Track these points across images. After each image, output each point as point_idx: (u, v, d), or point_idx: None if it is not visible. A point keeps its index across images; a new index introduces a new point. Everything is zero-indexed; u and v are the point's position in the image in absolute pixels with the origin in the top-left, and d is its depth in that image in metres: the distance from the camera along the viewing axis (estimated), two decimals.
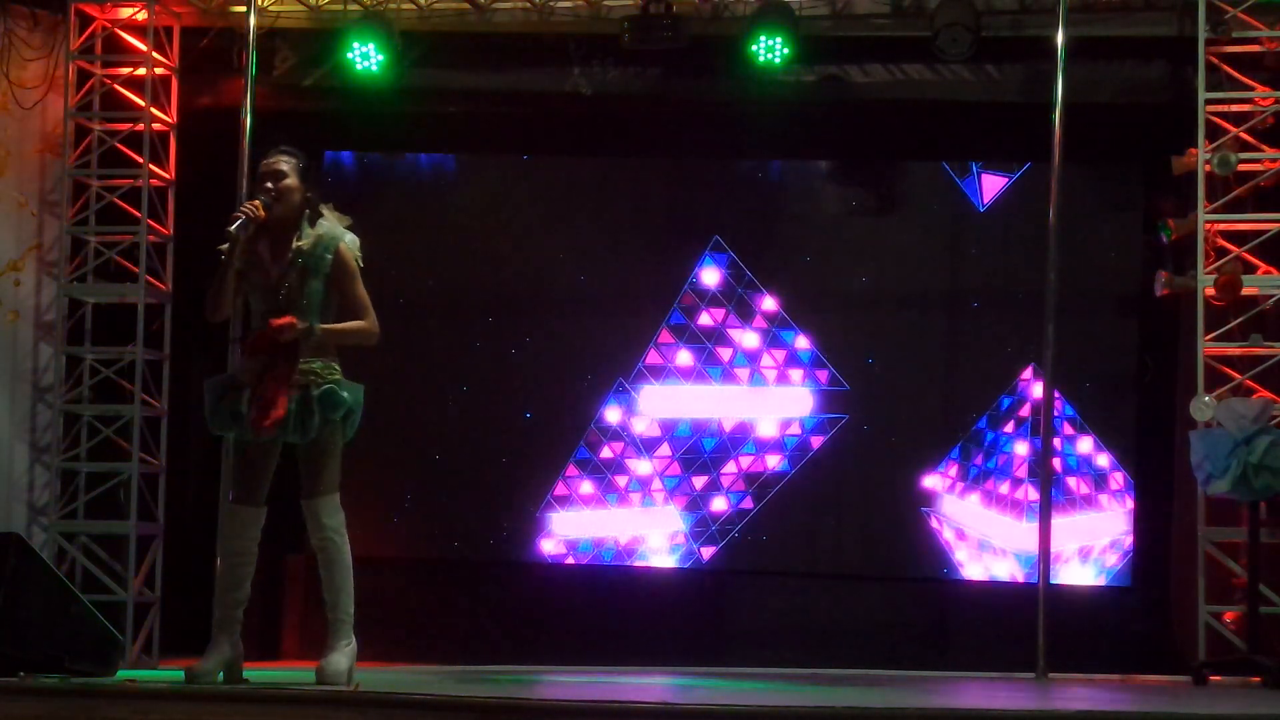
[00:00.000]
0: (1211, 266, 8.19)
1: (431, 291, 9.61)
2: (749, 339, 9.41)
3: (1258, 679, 7.57)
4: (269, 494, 6.42)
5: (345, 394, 6.21)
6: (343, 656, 6.22)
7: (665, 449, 9.42)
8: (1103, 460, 9.08)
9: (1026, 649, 8.07)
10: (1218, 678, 7.80)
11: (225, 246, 6.25)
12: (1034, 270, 8.44)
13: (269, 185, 6.24)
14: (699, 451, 9.40)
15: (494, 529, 9.49)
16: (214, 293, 6.25)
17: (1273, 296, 8.23)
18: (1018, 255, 9.06)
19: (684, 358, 9.44)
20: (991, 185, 9.28)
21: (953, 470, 9.18)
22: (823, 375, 9.34)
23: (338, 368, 6.25)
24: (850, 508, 9.31)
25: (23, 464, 8.90)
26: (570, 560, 9.45)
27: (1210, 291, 8.13)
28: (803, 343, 9.36)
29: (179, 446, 9.17)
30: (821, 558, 9.30)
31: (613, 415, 9.46)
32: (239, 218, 6.15)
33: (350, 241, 6.30)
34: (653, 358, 9.46)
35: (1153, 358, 9.04)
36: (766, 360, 9.40)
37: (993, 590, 9.10)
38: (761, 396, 9.39)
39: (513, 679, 7.07)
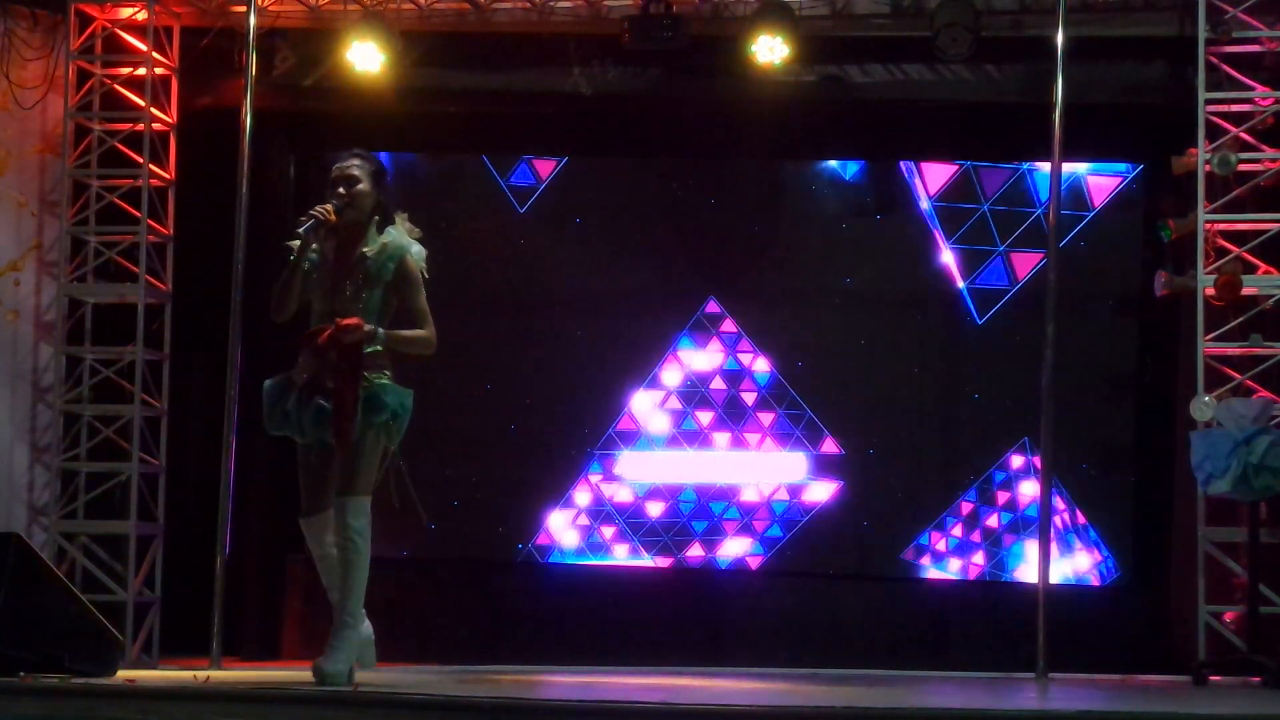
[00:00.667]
0: (1211, 266, 8.18)
1: (432, 293, 9.58)
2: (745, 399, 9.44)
3: (1258, 679, 7.57)
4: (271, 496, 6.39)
5: (389, 399, 6.27)
6: (340, 657, 6.22)
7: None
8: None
9: (1026, 649, 8.07)
10: (1218, 678, 7.80)
11: (295, 244, 6.34)
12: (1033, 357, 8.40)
13: (341, 190, 6.32)
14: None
15: (495, 529, 9.49)
16: (279, 291, 6.35)
17: (1273, 296, 8.22)
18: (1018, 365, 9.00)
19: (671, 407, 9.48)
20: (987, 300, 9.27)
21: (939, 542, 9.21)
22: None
23: (388, 373, 6.33)
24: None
25: (23, 464, 8.90)
26: (571, 561, 9.46)
27: (1210, 291, 8.13)
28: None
29: (179, 446, 9.17)
30: (821, 557, 9.30)
31: (620, 419, 9.48)
32: (310, 219, 6.23)
33: (416, 253, 6.40)
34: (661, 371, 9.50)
35: (1153, 358, 9.04)
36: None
37: (993, 590, 9.10)
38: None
39: (513, 679, 7.06)
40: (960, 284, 9.27)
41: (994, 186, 9.32)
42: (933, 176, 9.39)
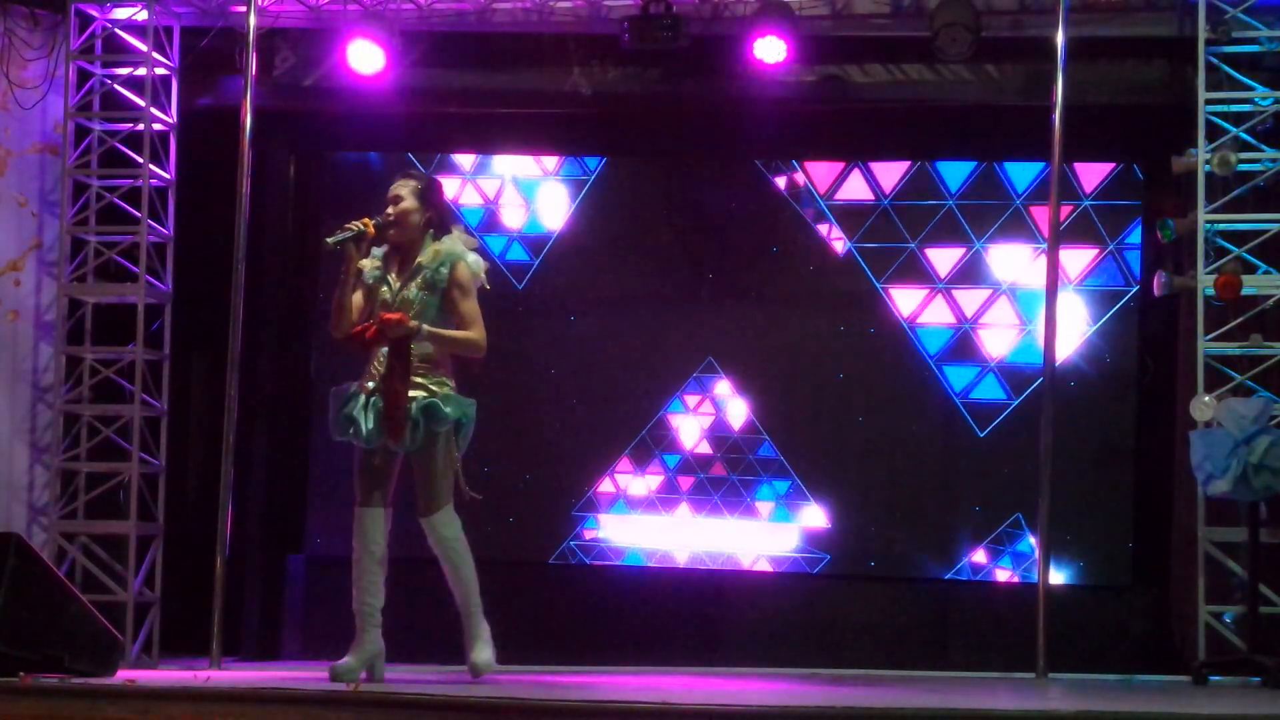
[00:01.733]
0: (1211, 266, 8.19)
1: None
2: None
3: (1258, 679, 7.57)
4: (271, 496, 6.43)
5: (449, 408, 6.51)
6: (486, 647, 6.67)
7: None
8: None
9: (1026, 649, 8.07)
10: (1218, 677, 7.80)
11: (337, 240, 6.61)
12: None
13: (389, 210, 6.62)
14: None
15: (495, 530, 9.48)
16: (335, 309, 6.66)
17: (1273, 296, 8.23)
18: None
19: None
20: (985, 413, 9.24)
21: None
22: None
23: (450, 382, 6.57)
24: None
25: (23, 464, 8.90)
26: (572, 561, 9.45)
27: (1210, 292, 8.13)
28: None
29: (179, 446, 9.18)
30: (822, 557, 9.30)
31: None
32: (345, 231, 6.50)
33: (473, 261, 6.66)
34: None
35: (1153, 358, 9.04)
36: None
37: (993, 590, 9.10)
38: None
39: (512, 679, 7.06)
40: (956, 399, 9.25)
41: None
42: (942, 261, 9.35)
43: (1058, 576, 8.78)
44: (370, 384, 6.53)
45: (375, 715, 5.66)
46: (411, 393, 6.51)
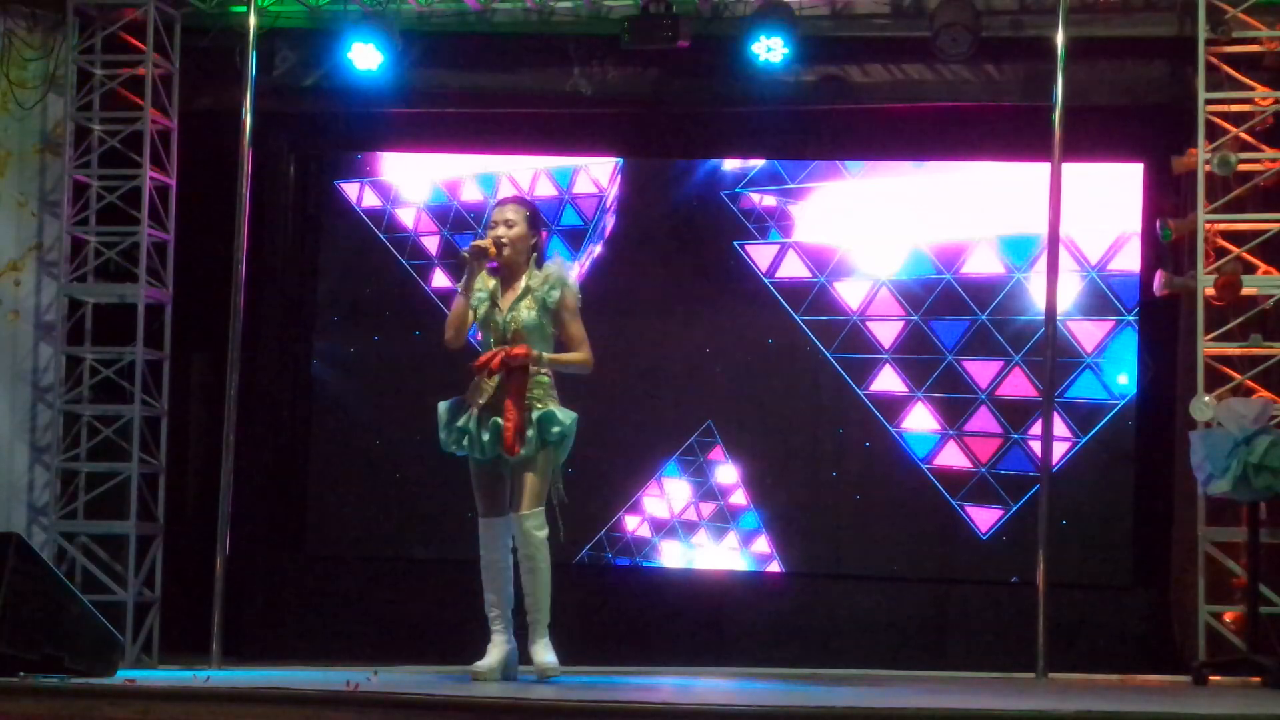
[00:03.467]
0: (1211, 266, 8.19)
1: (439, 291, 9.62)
2: None
3: (1258, 679, 7.57)
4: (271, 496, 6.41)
5: (560, 415, 6.84)
6: (549, 650, 6.83)
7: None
8: None
9: (1026, 649, 8.07)
10: (1218, 678, 7.80)
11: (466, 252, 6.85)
12: None
13: (501, 232, 6.89)
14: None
15: None
16: (452, 321, 6.93)
17: (1273, 296, 8.23)
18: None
19: None
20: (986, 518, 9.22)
21: None
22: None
23: (554, 394, 6.92)
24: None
25: (23, 464, 8.91)
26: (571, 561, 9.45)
27: (1210, 291, 8.13)
28: None
29: (179, 446, 9.18)
30: (822, 557, 9.30)
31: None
32: (475, 249, 6.82)
33: (572, 282, 6.96)
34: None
35: (1153, 358, 9.04)
36: None
37: (993, 590, 9.09)
38: None
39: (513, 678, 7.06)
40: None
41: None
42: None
43: (1058, 577, 8.78)
44: (482, 400, 6.82)
45: (376, 715, 5.66)
46: (526, 403, 6.82)
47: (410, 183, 9.71)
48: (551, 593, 6.87)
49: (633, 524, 9.42)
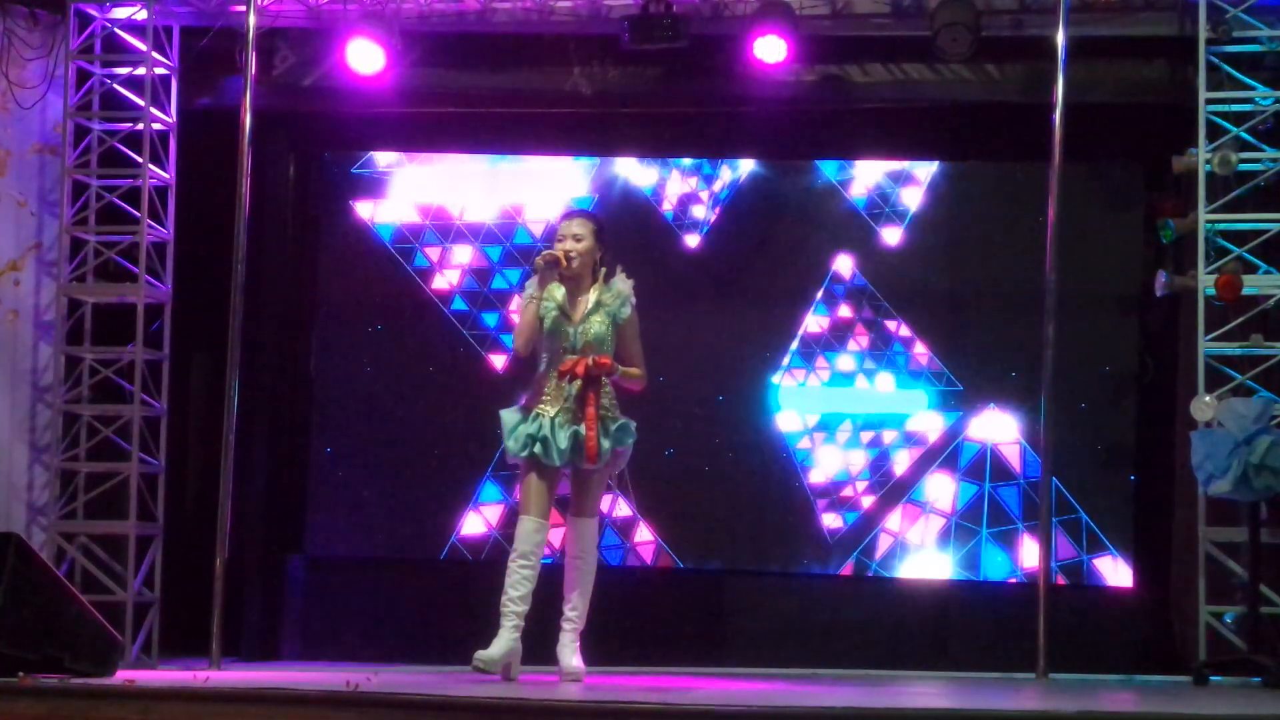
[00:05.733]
0: (1211, 266, 8.19)
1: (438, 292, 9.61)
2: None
3: (1258, 679, 7.57)
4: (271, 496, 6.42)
5: (631, 426, 7.22)
6: (578, 654, 7.14)
7: None
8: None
9: (1026, 649, 8.07)
10: (1218, 677, 7.80)
11: (534, 277, 7.17)
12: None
13: (568, 247, 7.16)
14: None
15: (496, 530, 9.49)
16: (522, 329, 7.17)
17: (1273, 296, 8.23)
18: None
19: None
20: None
21: None
22: None
23: (617, 405, 7.20)
24: None
25: (22, 464, 8.90)
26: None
27: (1210, 291, 8.13)
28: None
29: (179, 446, 9.18)
30: (821, 558, 9.30)
31: None
32: (549, 259, 7.07)
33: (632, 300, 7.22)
34: None
35: (1153, 358, 9.04)
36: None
37: (993, 590, 9.09)
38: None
39: (514, 679, 7.06)
40: None
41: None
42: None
43: (1058, 577, 8.78)
44: (553, 409, 7.07)
45: (376, 715, 5.66)
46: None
47: (410, 182, 9.70)
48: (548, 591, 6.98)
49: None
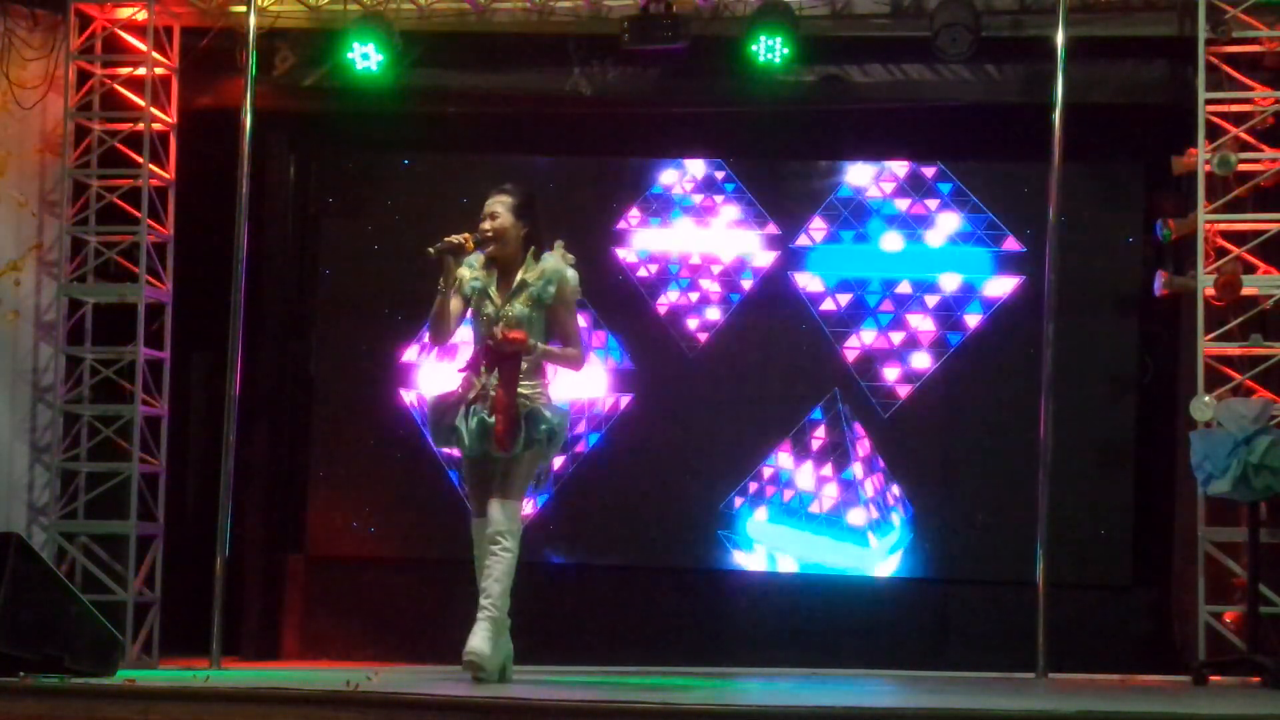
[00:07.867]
0: (1211, 266, 8.19)
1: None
2: None
3: (1258, 679, 7.57)
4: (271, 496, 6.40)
5: (549, 414, 6.63)
6: (484, 639, 6.55)
7: None
8: None
9: (1026, 649, 8.07)
10: (1218, 678, 7.80)
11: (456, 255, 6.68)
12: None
13: (485, 225, 6.69)
14: None
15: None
16: (435, 317, 6.72)
17: (1273, 296, 8.23)
18: None
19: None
20: None
21: None
22: None
23: (545, 390, 6.71)
24: None
25: (23, 464, 8.90)
26: (570, 561, 9.45)
27: (1210, 291, 8.13)
28: None
29: (179, 446, 9.18)
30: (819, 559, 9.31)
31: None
32: (446, 245, 6.57)
33: (571, 277, 6.72)
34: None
35: (1153, 358, 9.04)
36: None
37: (993, 590, 9.09)
38: None
39: (513, 679, 7.06)
40: None
41: None
42: None
43: (1059, 576, 8.78)
44: (472, 394, 6.63)
45: (376, 715, 5.66)
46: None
47: (410, 182, 9.71)
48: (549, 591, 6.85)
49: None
